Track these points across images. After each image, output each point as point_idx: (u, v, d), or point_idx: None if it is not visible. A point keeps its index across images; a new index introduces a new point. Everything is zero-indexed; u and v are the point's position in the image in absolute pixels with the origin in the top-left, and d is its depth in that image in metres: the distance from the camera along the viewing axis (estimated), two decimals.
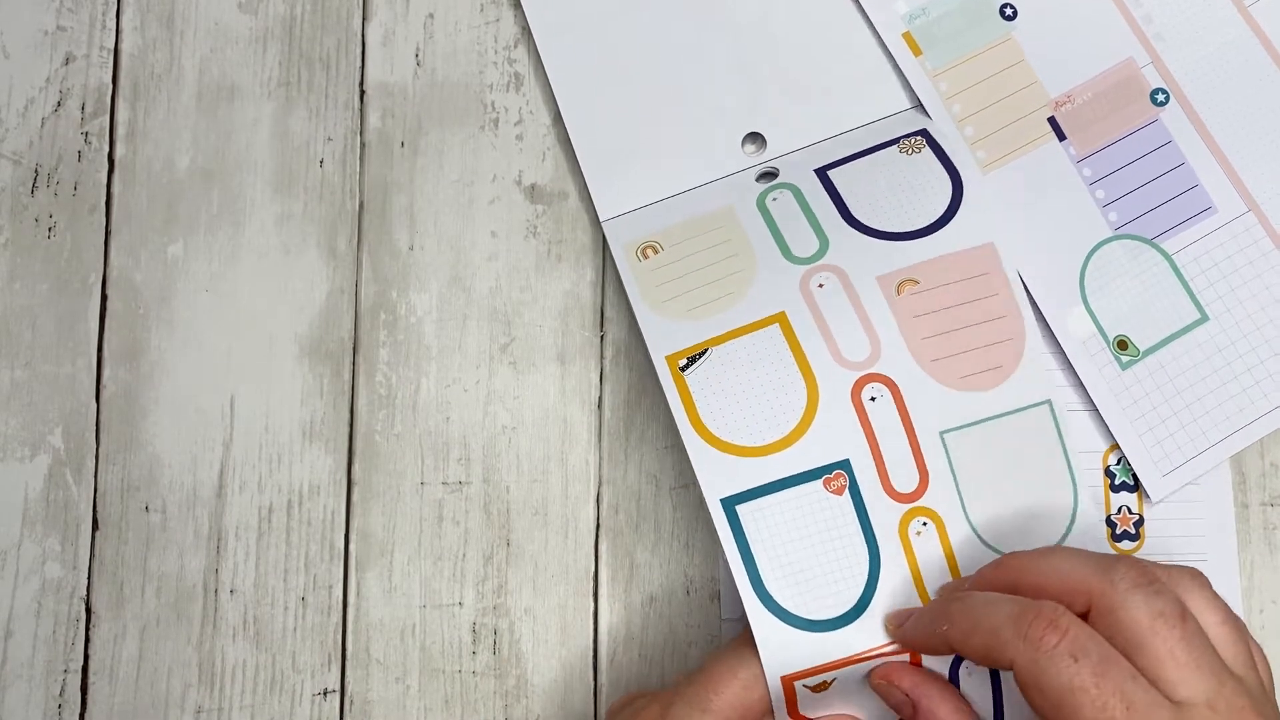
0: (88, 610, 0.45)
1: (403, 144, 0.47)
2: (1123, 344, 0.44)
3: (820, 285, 0.42)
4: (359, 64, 0.47)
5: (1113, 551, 0.43)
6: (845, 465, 0.40)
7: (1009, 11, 0.46)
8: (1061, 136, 0.45)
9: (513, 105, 0.47)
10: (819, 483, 0.40)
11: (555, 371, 0.45)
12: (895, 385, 0.41)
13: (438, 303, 0.46)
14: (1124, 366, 0.44)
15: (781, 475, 0.40)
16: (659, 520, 0.45)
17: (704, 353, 0.41)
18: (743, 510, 0.39)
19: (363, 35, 0.47)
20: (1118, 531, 0.44)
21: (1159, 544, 0.43)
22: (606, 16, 0.46)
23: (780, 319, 0.41)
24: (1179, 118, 0.45)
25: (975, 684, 0.39)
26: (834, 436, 0.40)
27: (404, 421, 0.45)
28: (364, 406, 0.45)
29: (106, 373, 0.46)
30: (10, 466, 0.45)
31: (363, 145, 0.47)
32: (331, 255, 0.46)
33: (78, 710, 0.44)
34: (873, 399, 0.41)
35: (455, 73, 0.47)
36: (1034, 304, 0.45)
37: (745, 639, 0.39)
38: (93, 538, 0.45)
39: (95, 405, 0.46)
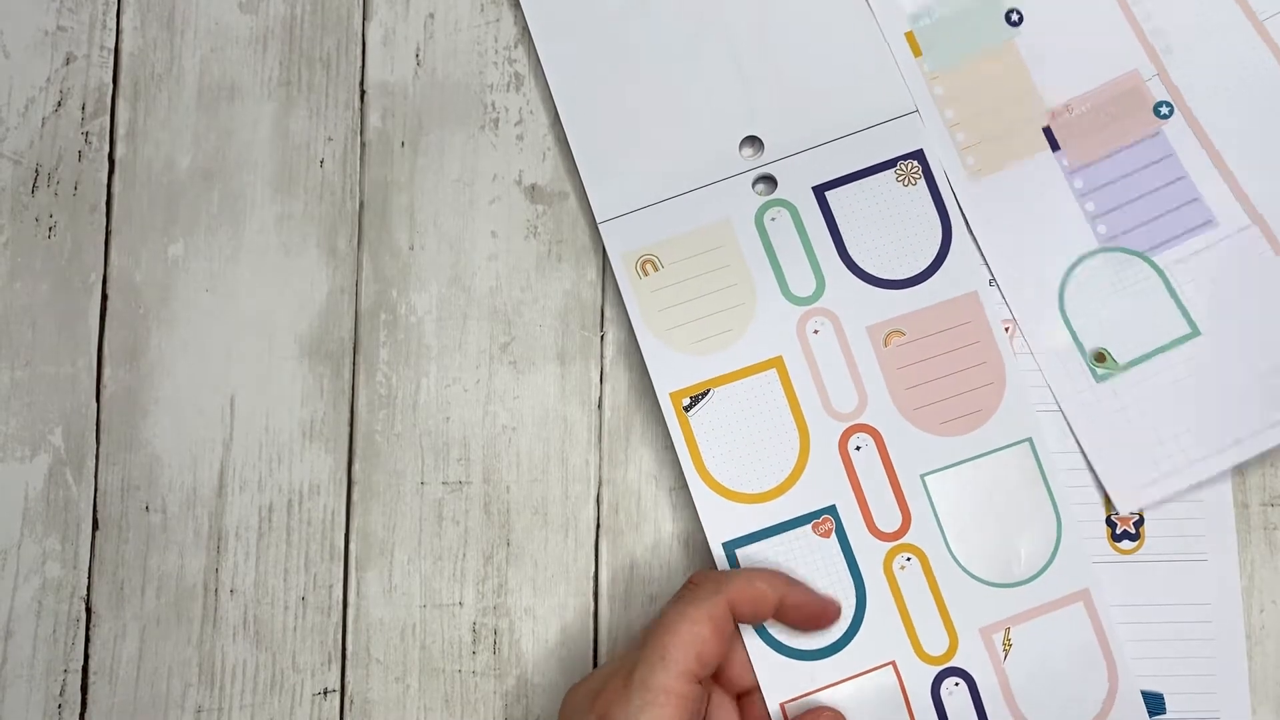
0: (88, 610, 0.45)
1: (403, 144, 0.47)
2: (1100, 357, 0.44)
3: (815, 331, 0.45)
4: (359, 64, 0.47)
5: (1113, 554, 0.44)
6: (832, 510, 0.44)
7: (1015, 17, 0.46)
8: (1055, 147, 0.45)
9: (513, 105, 0.47)
10: (808, 527, 0.43)
11: (555, 371, 0.45)
12: (879, 434, 0.44)
13: (438, 303, 0.46)
14: (1099, 379, 0.44)
15: (775, 521, 0.43)
16: (659, 520, 0.45)
17: (706, 393, 0.44)
18: (741, 554, 0.43)
19: (363, 35, 0.47)
20: (1118, 531, 0.44)
21: (1159, 544, 0.43)
22: (605, 18, 0.46)
23: (778, 364, 0.44)
24: (1182, 131, 0.45)
25: (957, 703, 0.42)
26: (822, 484, 0.44)
27: (404, 421, 0.45)
28: (364, 406, 0.45)
29: (106, 373, 0.46)
30: (10, 466, 0.45)
31: (363, 145, 0.47)
32: (331, 255, 0.46)
33: (78, 710, 0.44)
34: (858, 448, 0.44)
35: (455, 73, 0.47)
36: (1010, 312, 0.45)
37: (691, 588, 0.41)
38: (93, 538, 0.45)
39: (95, 405, 0.46)
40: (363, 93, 0.47)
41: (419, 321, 0.46)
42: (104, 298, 0.46)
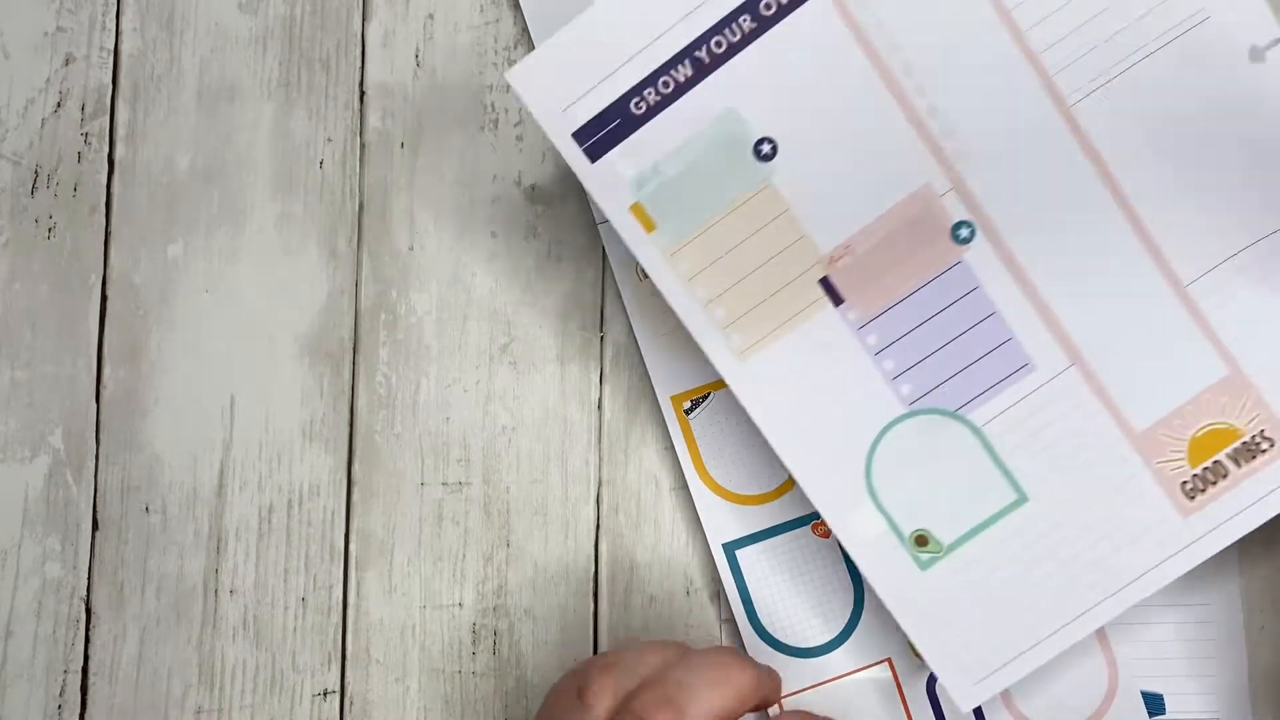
0: (88, 610, 0.45)
1: (403, 144, 0.47)
2: (922, 540, 0.38)
3: None
4: (359, 64, 0.47)
5: None
6: None
7: (766, 149, 0.37)
8: (838, 300, 0.38)
9: (513, 105, 0.47)
10: (808, 528, 0.43)
11: (555, 371, 0.45)
12: None
13: (438, 303, 0.46)
14: (924, 566, 0.38)
15: (775, 522, 0.43)
16: (659, 520, 0.45)
17: (706, 396, 0.44)
18: (741, 554, 0.43)
19: (363, 35, 0.47)
20: None
21: None
22: None
23: None
24: (987, 256, 0.37)
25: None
26: None
27: (404, 421, 0.45)
28: (364, 406, 0.45)
29: (106, 373, 0.46)
30: (10, 466, 0.45)
31: (363, 145, 0.47)
32: (331, 255, 0.46)
33: (78, 710, 0.44)
34: None
35: (455, 73, 0.47)
36: (814, 506, 0.39)
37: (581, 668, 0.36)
38: (93, 538, 0.45)
39: (95, 405, 0.46)
40: (362, 93, 0.47)
41: (419, 321, 0.46)
42: (104, 298, 0.46)
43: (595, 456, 0.45)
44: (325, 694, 0.44)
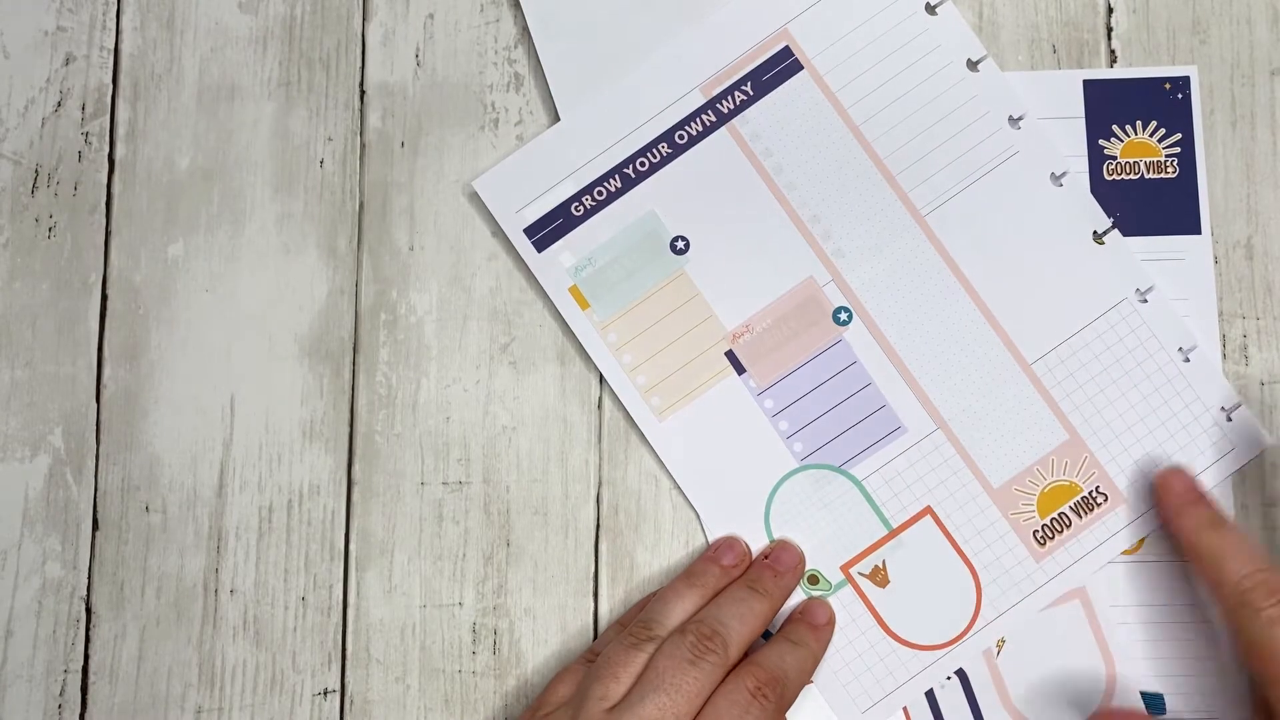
0: (88, 610, 0.45)
1: (403, 144, 0.47)
2: (813, 579, 0.43)
3: None
4: (359, 64, 0.47)
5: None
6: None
7: (680, 245, 0.44)
8: (740, 370, 0.44)
9: (513, 105, 0.47)
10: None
11: (555, 371, 0.45)
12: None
13: (438, 303, 0.46)
14: None
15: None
16: (659, 520, 0.45)
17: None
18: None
19: (363, 35, 0.47)
20: None
21: (1159, 544, 0.43)
22: (605, 18, 0.46)
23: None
24: (863, 336, 0.44)
25: (950, 697, 0.42)
26: None
27: (404, 421, 0.45)
28: (364, 406, 0.45)
29: (106, 373, 0.46)
30: (10, 466, 0.45)
31: (363, 145, 0.47)
32: (331, 255, 0.46)
33: (78, 710, 0.44)
34: None
35: (455, 73, 0.47)
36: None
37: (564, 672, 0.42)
38: (93, 538, 0.45)
39: (95, 405, 0.46)
40: (363, 93, 0.47)
41: (419, 321, 0.46)
42: (104, 298, 0.46)
43: (595, 456, 0.45)
44: (325, 693, 0.44)
